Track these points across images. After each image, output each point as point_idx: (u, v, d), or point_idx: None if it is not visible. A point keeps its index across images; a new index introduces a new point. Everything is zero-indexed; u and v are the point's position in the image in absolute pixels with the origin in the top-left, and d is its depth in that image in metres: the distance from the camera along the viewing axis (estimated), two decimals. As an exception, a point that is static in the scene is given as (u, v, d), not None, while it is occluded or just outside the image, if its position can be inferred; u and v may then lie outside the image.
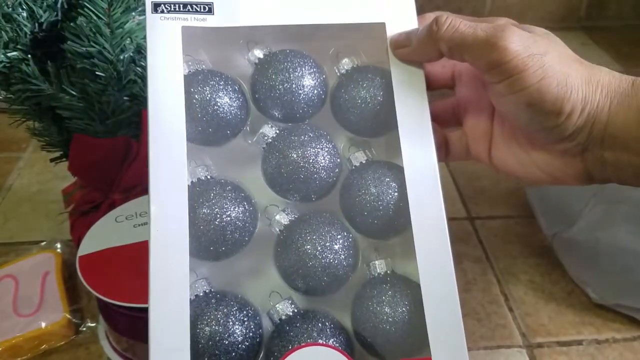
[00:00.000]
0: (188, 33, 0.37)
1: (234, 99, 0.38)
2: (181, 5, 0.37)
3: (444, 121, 0.42)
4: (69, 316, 0.52)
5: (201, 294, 0.36)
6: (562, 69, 0.33)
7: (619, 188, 0.57)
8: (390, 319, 0.35)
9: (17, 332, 0.50)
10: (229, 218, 0.36)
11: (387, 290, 0.36)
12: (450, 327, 0.34)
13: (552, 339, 0.53)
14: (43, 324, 0.51)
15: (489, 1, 1.12)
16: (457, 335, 0.34)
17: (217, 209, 0.35)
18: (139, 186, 0.58)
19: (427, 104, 0.37)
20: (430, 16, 0.39)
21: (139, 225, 0.52)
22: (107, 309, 0.48)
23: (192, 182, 0.36)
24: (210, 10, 0.37)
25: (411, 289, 0.36)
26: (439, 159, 0.37)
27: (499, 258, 0.61)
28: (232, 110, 0.38)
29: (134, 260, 0.48)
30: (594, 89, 0.34)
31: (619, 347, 0.52)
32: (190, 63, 0.38)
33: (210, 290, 0.36)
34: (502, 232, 0.65)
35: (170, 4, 0.37)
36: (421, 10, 0.40)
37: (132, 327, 0.47)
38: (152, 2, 0.37)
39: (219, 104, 0.37)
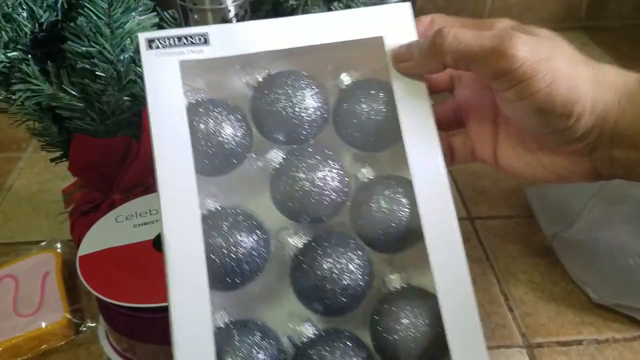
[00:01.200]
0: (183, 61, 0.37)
1: (238, 128, 0.37)
2: (176, 39, 0.36)
3: (446, 125, 0.42)
4: (69, 316, 0.52)
5: (222, 326, 0.36)
6: (569, 71, 0.33)
7: (618, 188, 0.58)
8: (411, 333, 0.35)
9: (17, 332, 0.50)
10: (243, 249, 0.35)
11: (405, 305, 0.36)
12: (470, 335, 0.34)
13: (552, 338, 0.53)
14: (43, 324, 0.51)
15: (489, 1, 1.12)
16: (478, 342, 0.34)
17: (231, 240, 0.35)
18: (139, 186, 0.58)
19: (431, 114, 0.37)
20: (425, 20, 0.39)
21: (139, 225, 0.52)
22: (107, 309, 0.48)
23: (202, 214, 0.36)
24: (206, 41, 0.37)
25: (428, 301, 0.35)
26: (446, 166, 0.37)
27: (499, 258, 0.61)
28: (237, 139, 0.37)
29: (134, 260, 0.48)
30: (602, 89, 0.34)
31: (619, 347, 0.52)
32: (189, 93, 0.37)
33: (231, 321, 0.36)
34: (502, 232, 0.65)
35: (164, 38, 0.36)
36: (421, 10, 0.40)
37: (132, 327, 0.47)
38: (145, 39, 0.36)
39: (223, 134, 0.37)
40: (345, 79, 0.40)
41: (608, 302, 0.54)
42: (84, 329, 0.53)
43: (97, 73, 0.48)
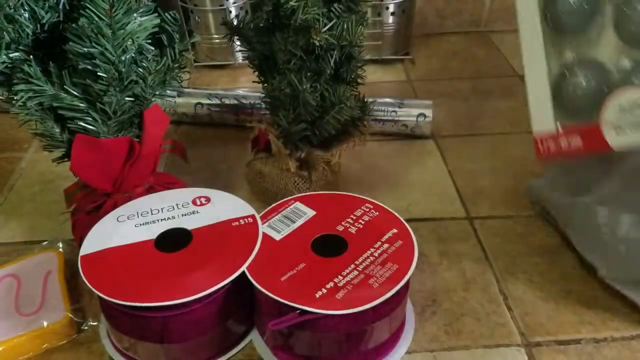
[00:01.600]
0: None
1: None
2: None
3: None
4: (70, 315, 0.53)
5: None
6: None
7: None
8: None
9: (19, 331, 0.51)
10: None
11: None
12: None
13: (551, 337, 0.53)
14: (45, 323, 0.51)
15: (488, 2, 1.12)
16: None
17: None
18: (141, 186, 0.58)
19: None
20: None
21: (141, 225, 0.52)
22: (108, 308, 0.48)
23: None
24: None
25: None
26: None
27: (498, 257, 0.62)
28: None
29: (135, 259, 0.49)
30: None
31: (617, 345, 0.52)
32: None
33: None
34: (501, 231, 0.65)
35: None
36: (420, 11, 0.40)
37: (134, 325, 0.48)
38: None
39: None
40: None
41: (618, 277, 0.54)
42: (86, 328, 0.54)
43: (98, 74, 0.49)
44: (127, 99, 0.53)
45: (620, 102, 0.49)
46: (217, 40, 1.00)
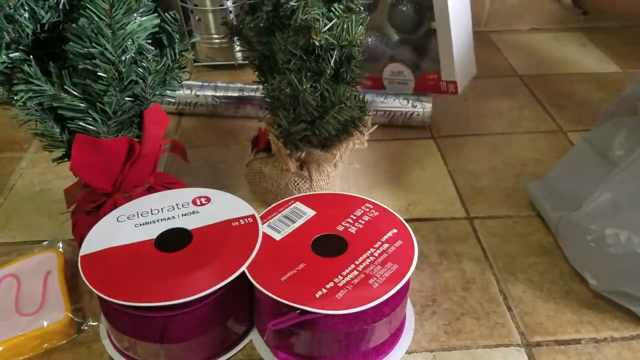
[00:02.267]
0: None
1: None
2: None
3: None
4: (70, 315, 0.53)
5: None
6: None
7: (629, 172, 0.57)
8: None
9: (19, 331, 0.51)
10: None
11: None
12: None
13: (551, 337, 0.53)
14: (45, 323, 0.51)
15: (488, 2, 1.12)
16: None
17: None
18: (141, 186, 0.58)
19: None
20: None
21: (140, 225, 0.52)
22: (108, 307, 0.48)
23: None
24: None
25: None
26: None
27: (497, 257, 0.62)
28: None
29: (135, 259, 0.49)
30: None
31: (617, 345, 0.52)
32: None
33: None
34: (501, 231, 0.65)
35: None
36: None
37: (134, 326, 0.48)
38: None
39: None
40: None
41: (607, 289, 0.54)
42: (86, 327, 0.54)
43: (98, 74, 0.49)
44: (127, 99, 0.53)
45: (390, 69, 0.86)
46: (217, 40, 1.00)
